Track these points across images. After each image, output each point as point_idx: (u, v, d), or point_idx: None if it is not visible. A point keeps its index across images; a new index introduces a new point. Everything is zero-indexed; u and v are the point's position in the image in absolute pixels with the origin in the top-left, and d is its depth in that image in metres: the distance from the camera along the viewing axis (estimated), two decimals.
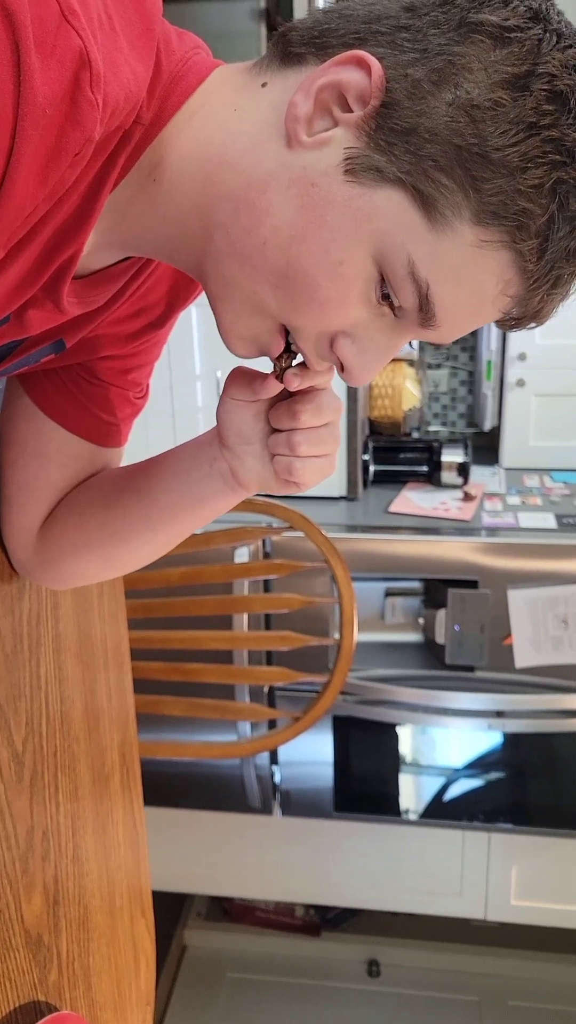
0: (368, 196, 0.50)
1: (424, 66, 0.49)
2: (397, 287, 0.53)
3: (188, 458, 0.70)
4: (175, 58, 0.54)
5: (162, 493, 0.71)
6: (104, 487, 0.76)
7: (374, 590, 2.21)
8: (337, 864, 2.43)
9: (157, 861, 1.30)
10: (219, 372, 2.23)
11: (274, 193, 0.52)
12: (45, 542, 0.77)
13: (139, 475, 0.74)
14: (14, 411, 0.75)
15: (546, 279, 0.52)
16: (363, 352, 0.57)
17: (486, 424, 2.50)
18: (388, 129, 0.50)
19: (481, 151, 0.48)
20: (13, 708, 0.78)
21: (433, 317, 0.53)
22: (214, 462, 0.68)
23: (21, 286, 0.51)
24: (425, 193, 0.50)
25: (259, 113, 0.53)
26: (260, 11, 2.19)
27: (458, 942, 2.81)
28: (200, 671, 1.66)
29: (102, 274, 0.60)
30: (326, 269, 0.52)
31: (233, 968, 2.82)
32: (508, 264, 0.51)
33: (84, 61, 0.42)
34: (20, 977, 0.78)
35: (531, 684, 2.06)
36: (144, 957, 1.10)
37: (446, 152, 0.49)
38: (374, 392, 2.45)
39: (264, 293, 0.54)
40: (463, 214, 0.50)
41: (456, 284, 0.52)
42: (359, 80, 0.50)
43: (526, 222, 0.50)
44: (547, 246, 0.51)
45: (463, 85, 0.48)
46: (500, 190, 0.49)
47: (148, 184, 0.55)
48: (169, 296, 0.71)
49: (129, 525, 0.74)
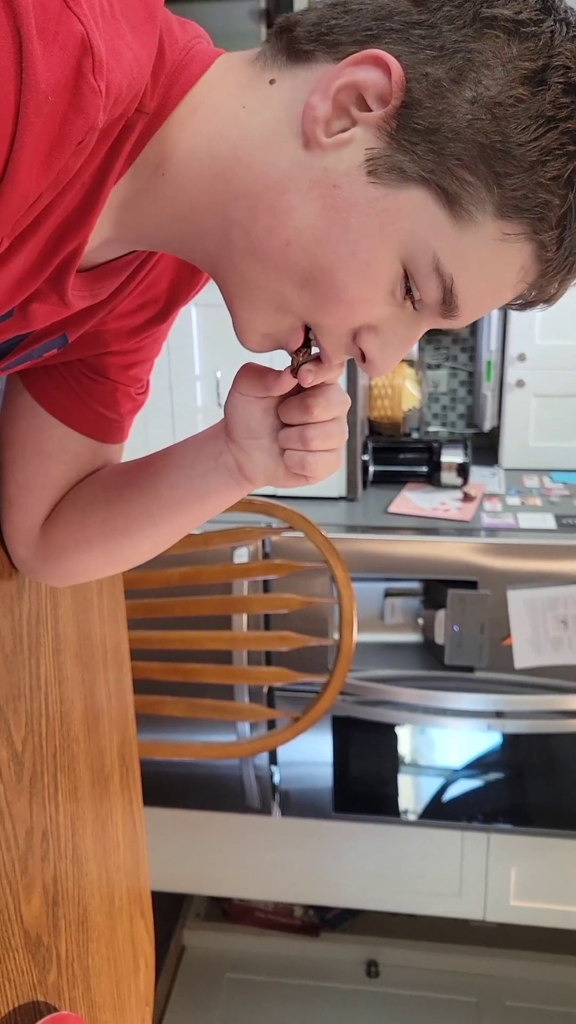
0: (392, 196, 0.51)
1: (443, 64, 0.49)
2: (421, 282, 0.53)
3: (192, 452, 0.70)
4: (178, 46, 0.53)
5: (166, 488, 0.71)
6: (106, 483, 0.76)
7: (373, 590, 2.21)
8: (336, 865, 2.43)
9: (156, 861, 1.30)
10: (218, 372, 2.23)
11: (294, 194, 0.52)
12: (46, 539, 0.77)
13: (141, 470, 0.74)
14: (14, 409, 0.74)
15: (563, 265, 0.53)
16: (386, 345, 0.57)
17: (486, 425, 2.50)
18: (410, 128, 0.50)
19: (504, 147, 0.49)
20: (12, 708, 0.78)
21: (456, 308, 0.54)
22: (220, 456, 0.68)
23: (25, 278, 0.51)
24: (449, 191, 0.50)
25: (270, 112, 0.53)
26: (260, 11, 2.20)
27: (457, 943, 2.81)
28: (199, 671, 1.66)
29: (106, 267, 0.60)
30: (353, 270, 0.52)
31: (232, 968, 2.82)
32: (528, 254, 0.52)
33: (86, 48, 0.41)
34: (19, 977, 0.77)
35: (530, 685, 2.06)
36: (143, 957, 1.10)
37: (469, 150, 0.49)
38: (374, 392, 2.45)
39: (288, 292, 0.55)
40: (486, 209, 0.50)
41: (479, 276, 0.53)
42: (378, 80, 0.50)
43: (546, 213, 0.51)
44: (565, 235, 0.52)
45: (483, 82, 0.48)
46: (522, 184, 0.49)
47: (156, 177, 0.54)
48: (171, 290, 0.71)
49: (131, 520, 0.74)
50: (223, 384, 2.23)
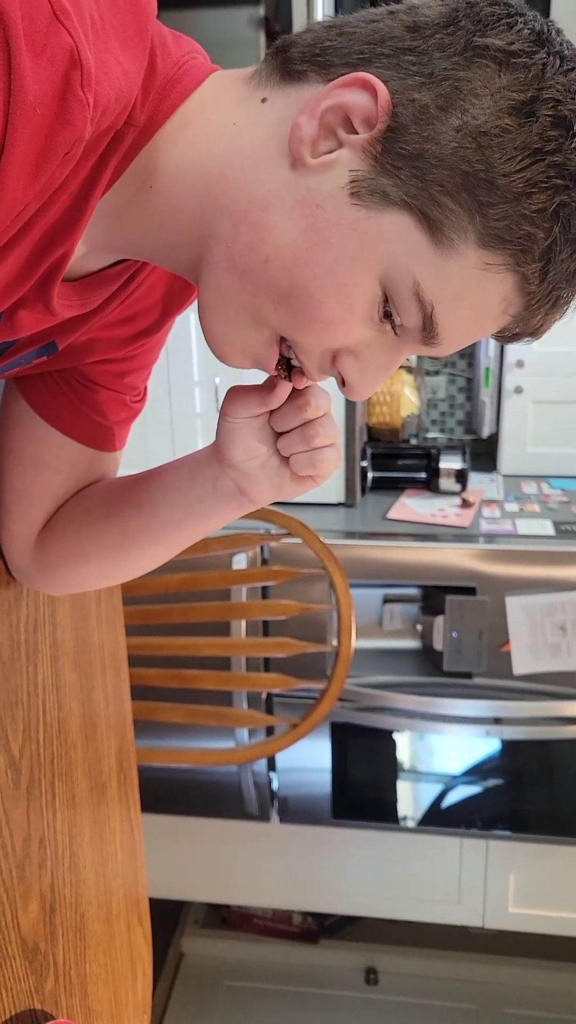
0: (374, 219, 0.51)
1: (431, 91, 0.49)
2: (401, 307, 0.53)
3: (187, 476, 0.70)
4: (171, 60, 0.54)
5: (163, 508, 0.71)
6: (102, 498, 0.75)
7: (372, 597, 2.21)
8: (335, 871, 2.43)
9: (154, 868, 1.29)
10: (217, 379, 2.23)
11: (277, 212, 0.52)
12: (43, 550, 0.77)
13: (137, 488, 0.73)
14: (10, 417, 0.75)
15: (547, 299, 0.53)
16: (365, 369, 0.57)
17: (484, 431, 2.50)
18: (395, 153, 0.50)
19: (488, 177, 0.49)
20: (10, 715, 0.78)
21: (436, 336, 0.54)
22: (216, 481, 0.67)
23: (11, 285, 0.52)
24: (431, 217, 0.50)
25: (260, 129, 0.53)
26: (259, 19, 2.20)
27: (456, 950, 2.80)
28: (198, 677, 1.66)
29: (96, 277, 0.60)
30: (331, 290, 0.52)
31: (230, 976, 2.81)
32: (511, 286, 0.52)
33: (75, 60, 0.42)
34: (16, 985, 0.77)
35: (529, 691, 2.06)
36: (141, 965, 1.09)
37: (453, 177, 0.49)
38: (372, 399, 2.45)
39: (264, 306, 0.54)
40: (468, 237, 0.50)
41: (459, 304, 0.53)
42: (365, 103, 0.50)
43: (530, 246, 0.50)
44: (549, 268, 0.51)
45: (470, 111, 0.48)
46: (505, 215, 0.49)
47: (144, 190, 0.55)
48: (164, 302, 0.71)
49: (127, 538, 0.73)
50: (221, 390, 2.23)
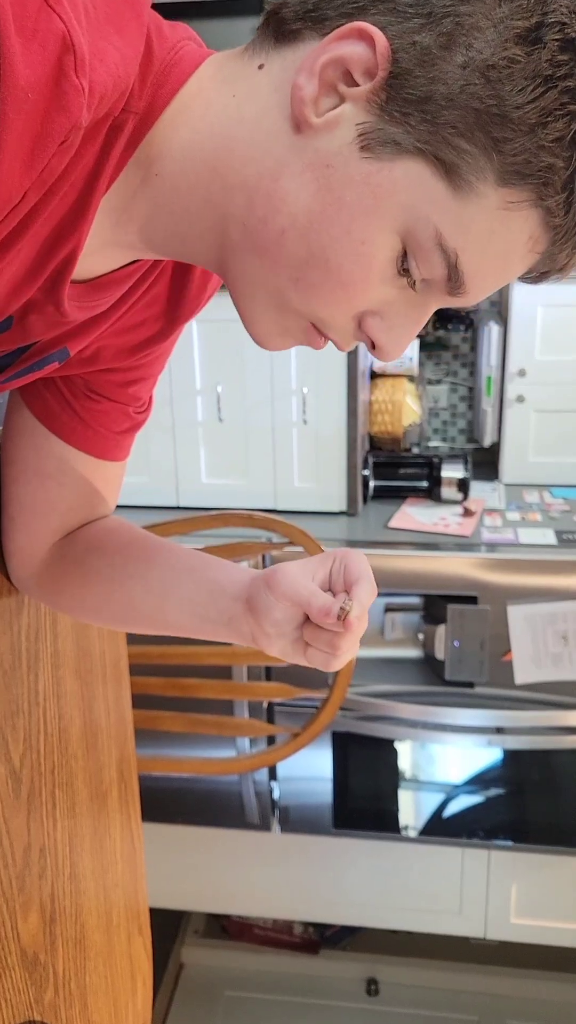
0: (387, 170, 0.49)
1: (431, 31, 0.47)
2: (423, 259, 0.51)
3: (206, 596, 0.69)
4: (167, 46, 0.53)
5: (173, 610, 0.70)
6: (114, 557, 0.74)
7: (373, 605, 2.20)
8: (336, 881, 2.42)
9: (154, 878, 1.29)
10: (219, 387, 2.23)
11: (287, 179, 0.51)
12: (49, 581, 0.77)
13: (152, 568, 0.72)
14: (14, 428, 0.75)
15: (573, 231, 0.51)
16: (391, 328, 0.56)
17: (486, 440, 2.50)
18: (401, 99, 0.48)
19: (500, 111, 0.47)
20: (11, 724, 0.78)
21: (462, 285, 0.52)
22: (233, 621, 0.66)
23: (20, 286, 0.51)
24: (447, 160, 0.48)
25: (260, 98, 0.52)
26: None
27: (457, 960, 2.79)
28: (199, 686, 1.66)
29: (106, 278, 0.59)
30: (348, 251, 0.51)
31: (231, 986, 2.80)
32: (536, 222, 0.50)
33: (67, 45, 0.41)
34: (16, 996, 0.77)
35: (531, 700, 2.06)
36: (141, 975, 1.09)
37: (464, 117, 0.47)
38: (374, 408, 2.45)
39: (285, 288, 0.53)
40: (487, 177, 0.49)
41: (485, 249, 0.51)
42: (363, 53, 0.48)
43: (551, 177, 0.48)
44: (573, 199, 0.50)
45: (474, 45, 0.47)
46: (523, 148, 0.48)
47: (150, 178, 0.53)
48: (171, 309, 0.70)
49: (132, 615, 0.73)
50: (224, 399, 2.23)
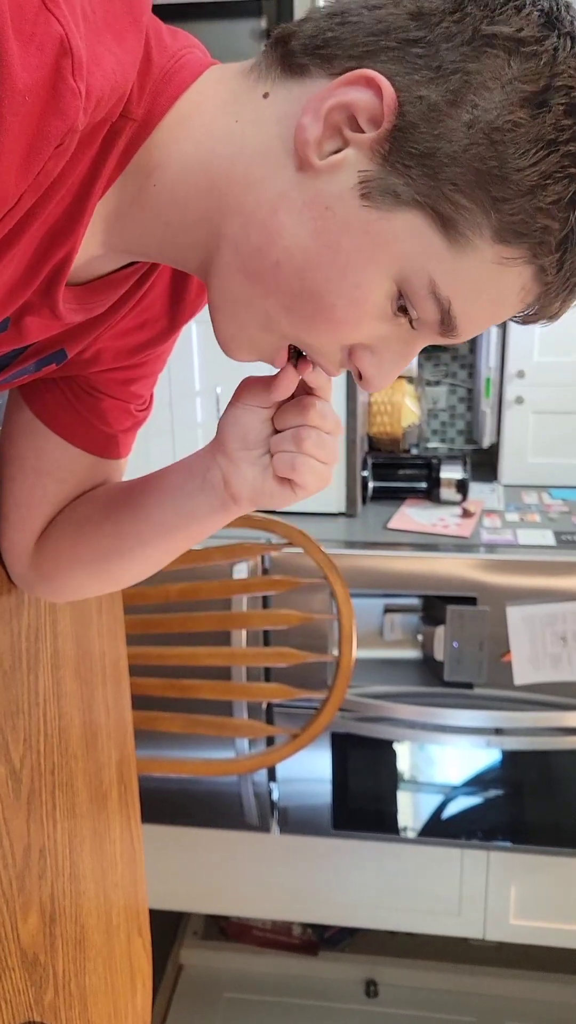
0: (386, 220, 0.50)
1: (439, 86, 0.48)
2: (418, 304, 0.52)
3: (183, 471, 0.70)
4: (167, 53, 0.53)
5: (155, 508, 0.71)
6: (99, 503, 0.75)
7: (373, 606, 2.21)
8: (335, 882, 2.42)
9: (153, 879, 1.29)
10: (219, 388, 2.23)
11: (285, 214, 0.51)
12: (42, 556, 0.77)
13: (133, 491, 0.73)
14: (13, 427, 0.75)
15: (564, 287, 0.53)
16: (381, 362, 0.57)
17: (485, 441, 2.50)
18: (404, 152, 0.49)
19: (501, 173, 0.48)
20: (11, 725, 0.78)
21: (455, 328, 0.54)
22: (207, 472, 0.67)
23: (15, 289, 0.51)
24: (445, 215, 0.49)
25: (263, 127, 0.52)
26: (261, 31, 2.21)
27: (456, 962, 2.79)
28: (198, 687, 1.66)
29: (103, 281, 0.59)
30: (342, 292, 0.52)
31: (230, 988, 2.80)
32: (529, 276, 0.52)
33: (65, 49, 0.41)
34: (16, 997, 0.77)
35: (530, 701, 2.06)
36: (141, 977, 1.09)
37: (465, 175, 0.48)
38: (373, 409, 2.45)
39: (275, 313, 0.54)
40: (484, 233, 0.49)
41: (477, 298, 0.52)
42: (370, 101, 0.49)
43: (546, 238, 0.49)
44: (567, 257, 0.51)
45: (480, 105, 0.47)
46: (520, 209, 0.48)
47: (147, 187, 0.54)
48: (172, 311, 0.71)
49: (121, 541, 0.73)
50: (223, 400, 2.23)
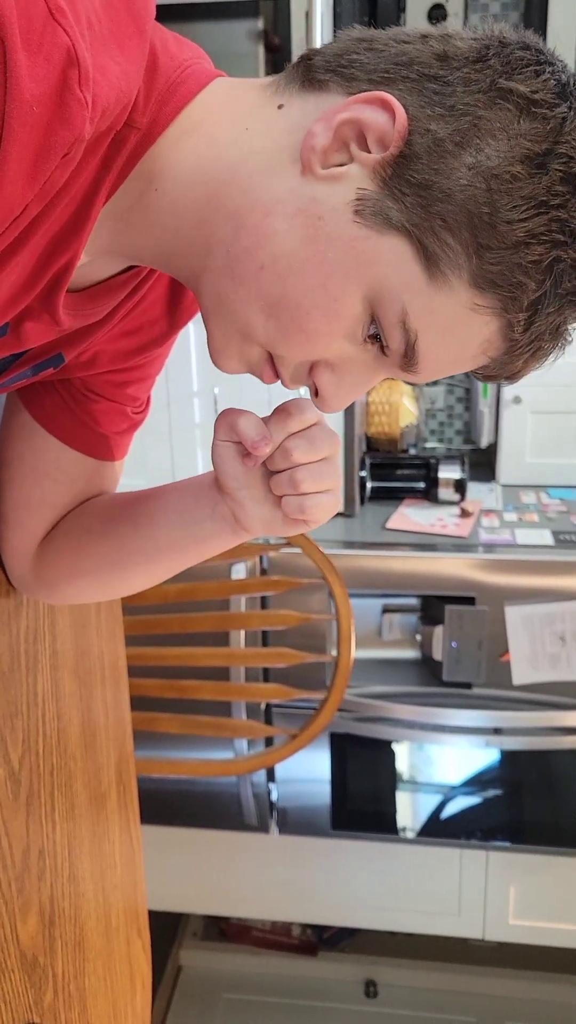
0: (373, 240, 0.51)
1: (449, 124, 0.49)
2: (385, 331, 0.53)
3: (190, 498, 0.69)
4: (173, 63, 0.53)
5: (163, 528, 0.71)
6: (102, 514, 0.75)
7: (371, 606, 2.21)
8: (334, 883, 2.42)
9: (152, 880, 1.29)
10: (216, 389, 2.23)
11: (277, 218, 0.52)
12: (43, 564, 0.77)
13: (138, 506, 0.73)
14: (11, 429, 0.75)
15: (528, 348, 0.54)
16: (340, 383, 0.57)
17: (483, 441, 2.50)
18: (404, 179, 0.50)
19: (491, 220, 0.49)
20: (10, 726, 0.78)
21: (415, 364, 0.54)
22: (216, 506, 0.67)
23: (17, 295, 0.51)
24: (429, 249, 0.50)
25: (274, 135, 0.53)
26: (258, 32, 2.21)
27: (456, 962, 2.79)
28: (197, 688, 1.66)
29: (102, 286, 0.60)
30: (320, 303, 0.52)
31: (229, 988, 2.80)
32: (495, 329, 0.53)
33: (72, 59, 0.41)
34: (15, 999, 0.77)
35: (529, 701, 2.06)
36: (140, 978, 1.09)
37: (457, 214, 0.49)
38: (371, 409, 2.45)
39: (254, 319, 0.54)
40: (462, 275, 0.51)
41: (443, 338, 0.53)
42: (382, 123, 0.50)
43: (519, 295, 0.51)
44: (535, 319, 0.52)
45: (484, 150, 0.49)
46: (501, 260, 0.50)
47: (149, 193, 0.54)
48: (169, 315, 0.71)
49: (125, 555, 0.73)
50: (221, 401, 2.23)
